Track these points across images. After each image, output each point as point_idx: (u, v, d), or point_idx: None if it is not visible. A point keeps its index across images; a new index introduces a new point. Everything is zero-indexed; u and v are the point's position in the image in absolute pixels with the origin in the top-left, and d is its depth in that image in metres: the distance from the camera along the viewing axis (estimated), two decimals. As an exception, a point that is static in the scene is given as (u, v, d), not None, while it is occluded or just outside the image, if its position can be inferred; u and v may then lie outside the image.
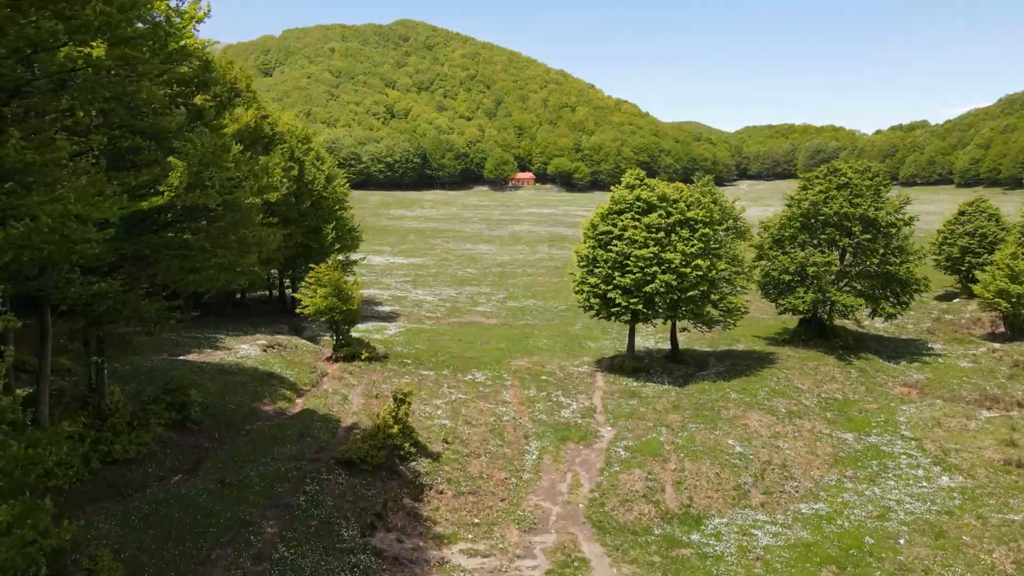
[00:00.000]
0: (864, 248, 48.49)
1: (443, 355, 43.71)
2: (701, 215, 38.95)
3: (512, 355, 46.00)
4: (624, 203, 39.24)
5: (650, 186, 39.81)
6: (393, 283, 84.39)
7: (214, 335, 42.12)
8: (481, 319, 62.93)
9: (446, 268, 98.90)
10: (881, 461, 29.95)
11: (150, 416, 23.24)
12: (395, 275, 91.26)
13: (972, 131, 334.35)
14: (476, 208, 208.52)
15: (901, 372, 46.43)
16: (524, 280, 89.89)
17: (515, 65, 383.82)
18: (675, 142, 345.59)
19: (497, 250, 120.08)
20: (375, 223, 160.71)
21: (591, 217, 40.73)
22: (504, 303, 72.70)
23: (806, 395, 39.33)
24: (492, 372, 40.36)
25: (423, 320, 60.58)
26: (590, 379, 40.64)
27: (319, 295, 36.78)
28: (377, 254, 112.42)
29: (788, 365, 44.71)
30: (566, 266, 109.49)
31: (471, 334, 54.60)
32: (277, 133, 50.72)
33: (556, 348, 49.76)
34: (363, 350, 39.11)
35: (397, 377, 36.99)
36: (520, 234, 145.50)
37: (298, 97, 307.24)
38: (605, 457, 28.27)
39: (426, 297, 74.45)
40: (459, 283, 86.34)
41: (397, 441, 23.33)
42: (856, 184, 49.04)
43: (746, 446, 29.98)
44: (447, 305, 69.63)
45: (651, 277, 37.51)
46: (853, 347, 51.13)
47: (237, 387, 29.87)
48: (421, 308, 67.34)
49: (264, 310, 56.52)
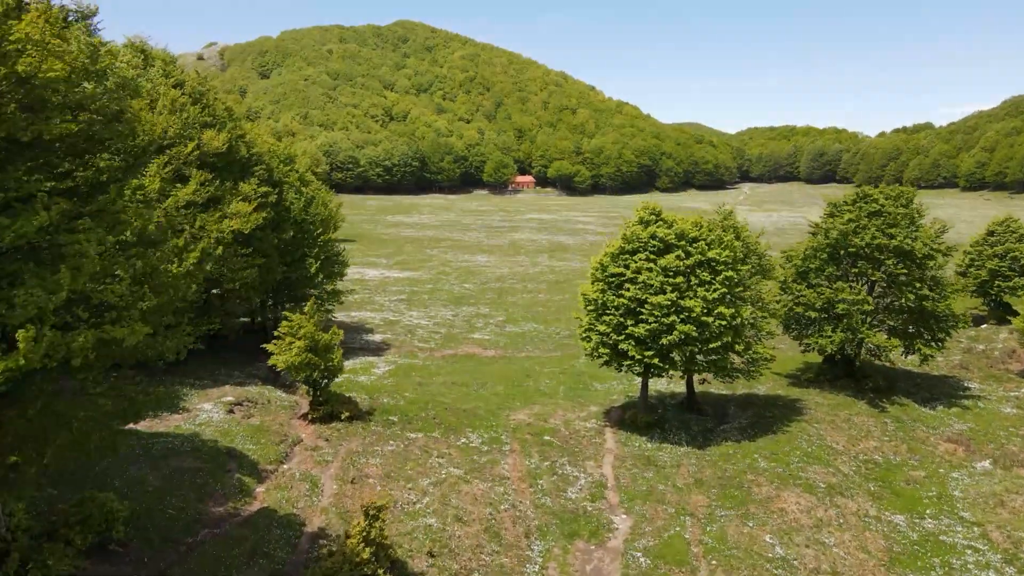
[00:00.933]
0: (898, 282, 44.04)
1: (434, 407, 39.27)
2: (724, 256, 34.50)
3: (511, 403, 41.56)
4: (637, 242, 34.77)
5: (667, 222, 35.32)
6: (387, 302, 79.97)
7: (180, 385, 37.70)
8: (478, 350, 58.48)
9: (443, 283, 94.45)
10: (944, 558, 25.58)
11: (58, 542, 18.83)
12: (389, 292, 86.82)
13: (977, 133, 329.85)
14: (475, 214, 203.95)
15: (940, 421, 42.01)
16: (524, 298, 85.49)
17: (515, 66, 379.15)
18: (676, 144, 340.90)
19: (496, 262, 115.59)
20: (371, 231, 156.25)
21: (600, 256, 36.24)
22: (503, 328, 68.30)
23: (842, 458, 34.89)
24: (489, 432, 35.90)
25: (415, 353, 56.12)
26: (599, 438, 36.21)
27: (294, 349, 32.41)
28: (372, 267, 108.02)
29: (818, 416, 40.29)
30: (567, 280, 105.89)
31: (467, 372, 50.16)
32: (254, 155, 46.31)
33: (559, 391, 45.34)
34: (343, 408, 34.68)
35: (381, 444, 32.50)
36: (520, 243, 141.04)
37: (295, 99, 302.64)
38: (622, 566, 23.82)
39: (420, 321, 70.04)
40: (456, 302, 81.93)
41: (368, 570, 18.95)
42: (890, 212, 44.60)
43: (787, 543, 25.55)
44: (442, 331, 65.23)
45: (668, 327, 33.08)
46: (884, 389, 46.75)
47: (184, 479, 25.24)
48: (414, 336, 62.91)
49: (246, 343, 52.02)
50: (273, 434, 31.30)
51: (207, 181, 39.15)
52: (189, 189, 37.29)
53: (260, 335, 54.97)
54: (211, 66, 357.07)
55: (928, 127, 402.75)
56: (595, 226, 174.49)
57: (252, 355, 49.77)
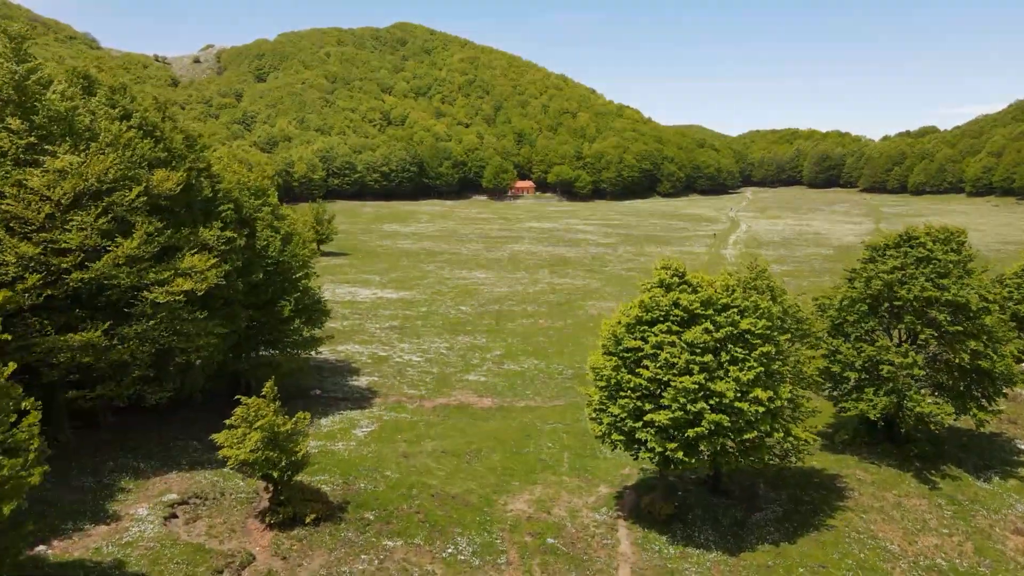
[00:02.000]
0: (951, 339, 38.62)
1: (419, 492, 33.76)
2: (760, 326, 29.04)
3: (509, 483, 36.04)
4: (657, 310, 29.31)
5: (691, 285, 29.77)
6: (378, 331, 74.56)
7: (121, 471, 32.29)
8: (473, 398, 52.97)
9: (438, 306, 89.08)
10: None
11: None
12: (381, 317, 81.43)
13: (984, 138, 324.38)
14: (474, 222, 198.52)
15: (1000, 500, 36.66)
16: (524, 324, 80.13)
17: (515, 70, 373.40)
18: (678, 149, 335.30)
19: (495, 279, 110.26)
20: (367, 243, 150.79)
21: (612, 323, 30.71)
22: (501, 365, 62.87)
23: (901, 564, 29.53)
24: (481, 534, 30.37)
25: (404, 404, 50.67)
26: (611, 537, 30.79)
27: (248, 444, 26.97)
28: (365, 285, 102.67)
29: (863, 502, 34.85)
30: (568, 301, 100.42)
31: (459, 431, 44.73)
32: (220, 192, 40.84)
33: (564, 461, 39.82)
34: (309, 508, 29.16)
35: (351, 560, 26.99)
36: (520, 256, 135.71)
37: (292, 103, 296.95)
38: None
39: (412, 357, 64.54)
40: (452, 329, 76.60)
41: None
42: (939, 259, 39.18)
43: None
44: (434, 371, 59.76)
45: (696, 417, 27.70)
46: (931, 456, 41.41)
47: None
48: (404, 378, 57.45)
49: (216, 393, 46.50)
50: (216, 558, 25.79)
51: (158, 231, 33.75)
52: (132, 243, 31.86)
53: (232, 382, 49.41)
54: (207, 69, 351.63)
55: (933, 131, 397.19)
56: (596, 236, 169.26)
57: (220, 411, 44.28)
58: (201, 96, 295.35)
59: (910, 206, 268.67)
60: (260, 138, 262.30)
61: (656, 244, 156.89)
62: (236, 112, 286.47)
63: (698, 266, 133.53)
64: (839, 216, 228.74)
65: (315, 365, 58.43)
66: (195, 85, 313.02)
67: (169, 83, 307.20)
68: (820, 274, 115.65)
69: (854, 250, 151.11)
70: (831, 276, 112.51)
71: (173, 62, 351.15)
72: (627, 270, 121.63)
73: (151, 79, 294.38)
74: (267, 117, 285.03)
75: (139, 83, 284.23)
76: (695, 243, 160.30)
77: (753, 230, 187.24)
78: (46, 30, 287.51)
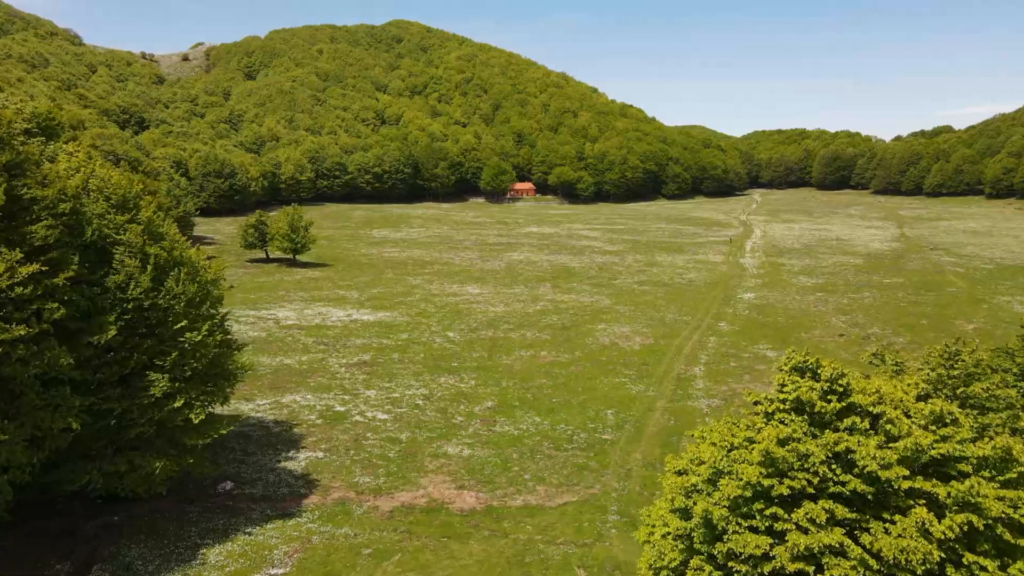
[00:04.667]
0: None
1: None
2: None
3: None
4: (804, 473, 14.76)
5: (861, 408, 15.26)
6: (342, 370, 61.26)
7: None
8: (450, 492, 38.93)
9: (421, 332, 75.74)
10: None
11: None
12: (350, 349, 68.21)
13: (1001, 137, 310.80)
14: (470, 227, 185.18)
15: None
16: (522, 358, 66.89)
17: (513, 68, 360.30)
18: (683, 149, 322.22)
19: (489, 295, 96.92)
20: (350, 252, 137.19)
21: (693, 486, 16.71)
22: (491, 425, 49.34)
23: None
24: None
25: (349, 504, 37.09)
26: None
27: None
28: (340, 304, 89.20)
29: None
30: (574, 324, 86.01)
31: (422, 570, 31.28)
32: (40, 200, 27.31)
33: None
34: None
35: None
36: (517, 266, 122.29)
37: (281, 102, 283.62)
38: None
39: (377, 414, 50.75)
40: (433, 366, 63.42)
41: None
42: None
43: None
44: (402, 440, 45.88)
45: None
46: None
47: None
48: (359, 453, 43.57)
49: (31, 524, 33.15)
50: None
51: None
52: None
53: (64, 506, 34.02)
54: (196, 67, 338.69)
55: (947, 130, 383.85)
56: (601, 243, 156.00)
57: (49, 544, 30.61)
58: (187, 94, 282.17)
59: (929, 209, 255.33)
60: (247, 138, 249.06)
61: (667, 252, 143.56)
62: (223, 111, 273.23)
63: (717, 277, 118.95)
64: (857, 220, 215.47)
65: (241, 432, 45.01)
66: (181, 83, 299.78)
67: (154, 81, 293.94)
68: (858, 289, 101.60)
69: (885, 259, 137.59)
70: (871, 291, 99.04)
71: (161, 60, 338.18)
72: (639, 283, 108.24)
73: (134, 76, 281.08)
74: (255, 116, 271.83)
75: (121, 80, 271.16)
76: (709, 250, 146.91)
77: (769, 235, 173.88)
78: (25, 25, 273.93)
